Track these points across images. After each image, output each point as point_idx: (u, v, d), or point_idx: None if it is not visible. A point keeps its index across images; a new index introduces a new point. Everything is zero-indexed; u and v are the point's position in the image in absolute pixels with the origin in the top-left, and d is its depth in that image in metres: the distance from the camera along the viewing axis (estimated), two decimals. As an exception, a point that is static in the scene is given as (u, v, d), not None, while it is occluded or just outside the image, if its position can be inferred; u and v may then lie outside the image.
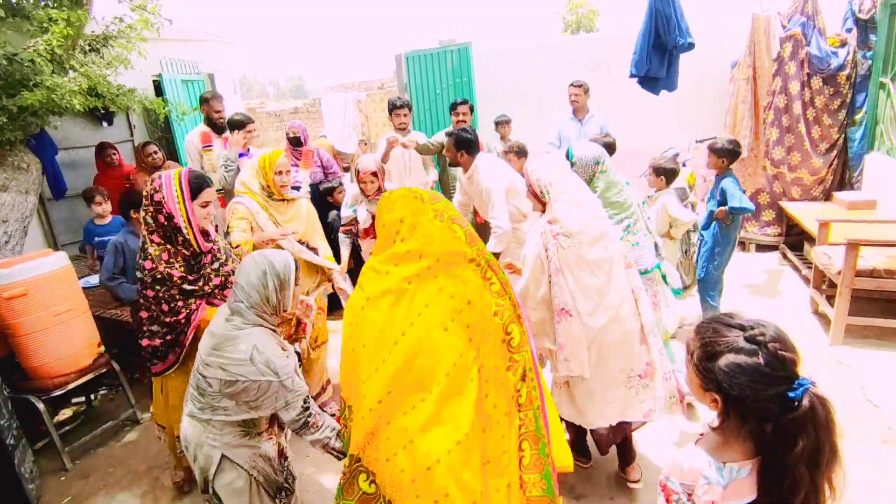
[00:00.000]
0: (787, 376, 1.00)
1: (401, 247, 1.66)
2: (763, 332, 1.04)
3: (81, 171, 5.10)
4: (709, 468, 1.07)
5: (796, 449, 0.97)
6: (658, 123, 5.89)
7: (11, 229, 3.35)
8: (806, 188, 5.04)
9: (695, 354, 1.12)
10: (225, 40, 8.72)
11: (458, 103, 4.53)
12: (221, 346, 1.71)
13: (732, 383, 1.03)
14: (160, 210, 2.10)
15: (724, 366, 1.04)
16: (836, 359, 3.27)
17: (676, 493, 1.10)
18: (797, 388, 0.98)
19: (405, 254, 1.64)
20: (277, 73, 56.94)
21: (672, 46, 4.38)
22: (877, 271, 3.31)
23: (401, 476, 1.45)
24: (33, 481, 2.72)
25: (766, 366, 1.00)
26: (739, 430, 1.07)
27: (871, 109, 4.67)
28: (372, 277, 1.71)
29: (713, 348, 1.07)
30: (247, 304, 1.74)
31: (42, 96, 2.96)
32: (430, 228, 1.65)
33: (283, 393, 1.71)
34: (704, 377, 1.09)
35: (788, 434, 0.98)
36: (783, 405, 0.99)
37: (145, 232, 2.16)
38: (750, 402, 1.02)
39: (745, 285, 4.44)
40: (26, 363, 2.89)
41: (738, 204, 3.30)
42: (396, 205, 1.71)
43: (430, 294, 1.59)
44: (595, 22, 17.82)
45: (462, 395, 1.50)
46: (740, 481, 1.04)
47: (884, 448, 2.50)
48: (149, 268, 2.14)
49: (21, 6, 3.32)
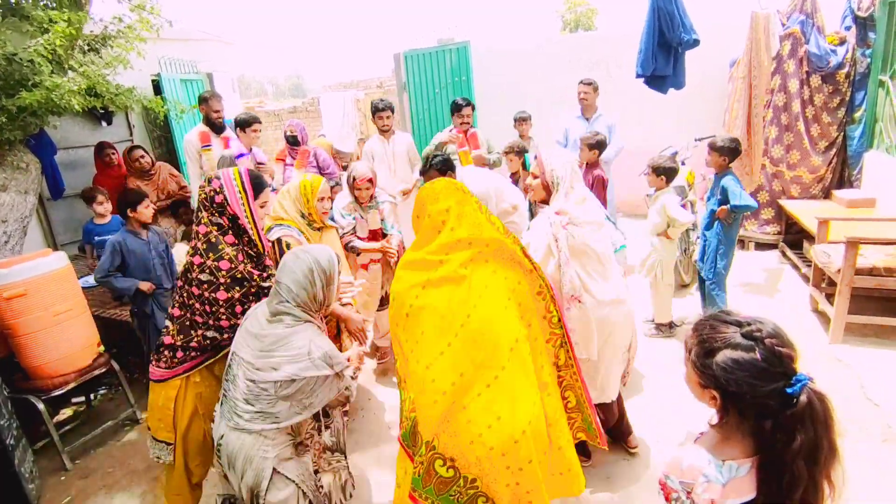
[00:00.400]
0: (784, 372, 1.00)
1: (451, 235, 1.73)
2: (760, 329, 1.04)
3: (81, 170, 5.10)
4: (708, 466, 1.07)
5: (794, 445, 0.97)
6: (657, 122, 5.89)
7: (11, 229, 3.34)
8: (805, 186, 5.04)
9: (692, 351, 1.12)
10: (224, 40, 8.71)
11: (462, 105, 4.45)
12: (274, 347, 1.68)
13: (730, 379, 1.03)
14: (223, 212, 2.00)
15: (722, 362, 1.04)
16: (836, 357, 3.27)
17: (676, 492, 1.10)
18: (795, 384, 0.98)
19: (456, 242, 1.72)
20: (276, 73, 56.84)
21: (677, 44, 4.37)
22: (876, 269, 3.31)
23: (490, 454, 1.52)
24: (33, 481, 2.72)
25: (763, 361, 1.00)
26: (739, 427, 1.07)
27: (870, 107, 4.67)
28: (424, 267, 1.74)
29: (710, 345, 1.07)
30: (294, 302, 1.72)
31: (41, 96, 2.96)
32: (477, 217, 1.76)
33: (336, 385, 1.73)
34: (702, 374, 1.09)
35: (786, 430, 0.98)
36: (781, 401, 0.99)
37: (216, 233, 1.99)
38: (748, 399, 1.02)
39: (745, 284, 4.44)
40: (26, 363, 2.89)
41: (741, 202, 3.28)
42: (441, 195, 1.78)
43: (487, 277, 1.69)
44: (593, 21, 17.80)
45: (526, 368, 1.63)
46: (740, 479, 1.04)
47: (884, 447, 2.51)
48: (226, 268, 1.97)
49: (20, 6, 3.31)
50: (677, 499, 1.09)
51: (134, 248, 3.23)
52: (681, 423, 2.77)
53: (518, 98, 6.34)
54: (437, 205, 1.77)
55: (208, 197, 2.00)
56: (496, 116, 6.30)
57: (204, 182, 2.04)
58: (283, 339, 1.68)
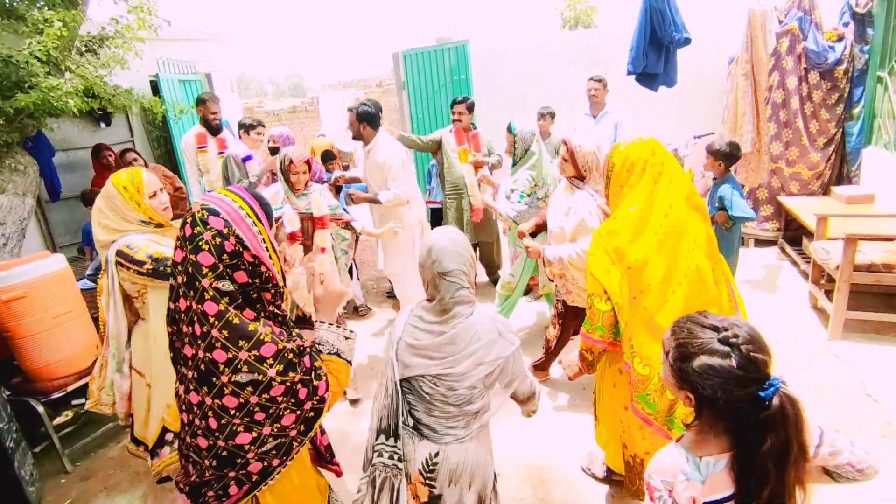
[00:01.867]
0: (758, 377, 1.03)
1: (670, 188, 1.89)
2: (736, 334, 1.06)
3: (80, 172, 5.10)
4: (686, 464, 1.10)
5: (764, 446, 1.00)
6: (655, 120, 5.88)
7: (9, 231, 3.35)
8: (804, 183, 5.04)
9: (670, 354, 1.15)
10: (222, 39, 8.70)
11: (456, 101, 4.44)
12: (470, 342, 1.52)
13: (705, 385, 1.05)
14: (238, 265, 1.22)
15: (698, 367, 1.07)
16: (835, 353, 3.27)
17: (658, 490, 1.12)
18: (768, 389, 1.01)
19: (675, 194, 1.88)
20: (276, 72, 56.77)
21: (668, 42, 4.38)
22: (875, 265, 3.31)
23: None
24: (33, 484, 2.72)
25: (738, 368, 1.03)
26: (713, 426, 1.10)
27: (868, 104, 4.66)
28: (655, 223, 1.87)
29: (687, 350, 1.10)
30: (467, 285, 1.56)
31: (37, 98, 2.96)
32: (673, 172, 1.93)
33: (520, 354, 1.63)
34: (678, 377, 1.12)
35: (758, 431, 1.01)
36: (754, 404, 1.02)
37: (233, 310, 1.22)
38: (722, 403, 1.04)
39: (744, 280, 4.44)
40: (25, 365, 2.89)
41: (740, 213, 3.27)
42: (657, 148, 1.97)
43: (696, 228, 1.87)
44: (593, 18, 17.79)
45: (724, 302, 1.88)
46: (717, 475, 1.07)
47: (883, 443, 2.51)
48: (272, 354, 1.23)
49: (15, 8, 3.31)
50: (660, 497, 1.12)
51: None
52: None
53: (517, 97, 6.34)
54: (655, 157, 1.92)
55: (213, 248, 1.19)
56: (495, 116, 6.29)
57: (188, 223, 1.23)
58: (468, 329, 1.52)
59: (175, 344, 1.30)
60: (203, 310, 1.19)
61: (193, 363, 1.22)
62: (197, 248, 1.19)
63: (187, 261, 1.19)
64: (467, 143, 4.35)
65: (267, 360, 1.22)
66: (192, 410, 1.27)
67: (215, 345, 1.19)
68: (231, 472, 1.28)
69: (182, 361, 1.27)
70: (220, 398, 1.21)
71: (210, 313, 1.19)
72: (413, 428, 1.63)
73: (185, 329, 1.22)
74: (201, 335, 1.20)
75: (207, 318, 1.19)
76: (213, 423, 1.23)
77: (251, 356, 1.21)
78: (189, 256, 1.19)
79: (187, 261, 1.19)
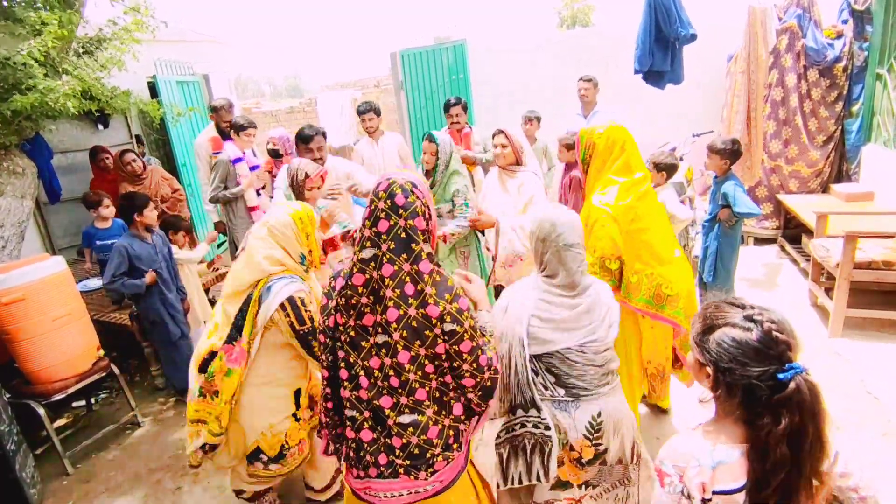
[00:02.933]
0: (777, 356, 1.03)
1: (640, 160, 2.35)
2: (762, 313, 1.08)
3: (79, 174, 5.08)
4: (700, 451, 1.10)
5: (779, 428, 0.99)
6: (654, 118, 5.88)
7: (8, 234, 3.34)
8: (803, 181, 5.04)
9: (695, 328, 1.17)
10: (220, 40, 8.70)
11: (451, 103, 4.46)
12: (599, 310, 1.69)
13: (722, 353, 1.07)
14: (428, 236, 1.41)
15: (718, 337, 1.09)
16: (836, 351, 3.27)
17: (669, 476, 1.13)
18: (787, 371, 1.01)
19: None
20: (273, 73, 56.59)
21: (674, 38, 4.37)
22: (875, 263, 3.31)
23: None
24: (35, 486, 2.72)
25: (757, 342, 1.04)
26: (730, 413, 1.10)
27: (867, 101, 4.66)
28: (640, 184, 2.29)
29: (711, 322, 1.12)
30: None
31: (35, 100, 2.95)
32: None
33: None
34: (700, 349, 1.13)
35: (773, 413, 1.01)
36: (772, 386, 1.01)
37: (441, 272, 1.41)
38: (737, 375, 1.04)
39: (744, 279, 4.44)
40: (26, 368, 2.89)
41: (745, 210, 3.27)
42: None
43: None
44: (590, 17, 17.78)
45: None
46: (729, 465, 1.06)
47: (884, 441, 2.51)
48: (466, 307, 1.40)
49: (12, 9, 3.30)
50: (671, 482, 1.12)
51: (140, 252, 3.24)
52: (680, 419, 2.78)
53: (515, 96, 6.33)
54: (629, 136, 2.32)
55: (423, 214, 1.38)
56: (494, 115, 6.29)
57: (398, 193, 1.35)
58: (598, 296, 1.71)
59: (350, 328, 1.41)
60: (419, 269, 1.35)
61: (402, 323, 1.34)
62: (413, 214, 1.36)
63: (398, 227, 1.34)
64: (461, 144, 4.36)
65: (464, 312, 1.38)
66: (402, 370, 1.38)
67: (428, 301, 1.34)
68: (446, 419, 1.44)
69: (372, 332, 1.39)
70: (434, 348, 1.37)
71: (424, 272, 1.35)
72: (568, 395, 1.69)
73: (389, 293, 1.34)
74: (414, 293, 1.34)
75: (422, 276, 1.35)
76: (429, 368, 1.39)
77: (453, 308, 1.36)
78: (407, 222, 1.34)
79: (398, 227, 1.34)
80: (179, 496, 2.73)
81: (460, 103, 4.46)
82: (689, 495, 1.09)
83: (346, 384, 1.45)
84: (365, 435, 1.43)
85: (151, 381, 3.86)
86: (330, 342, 1.47)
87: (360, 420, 1.44)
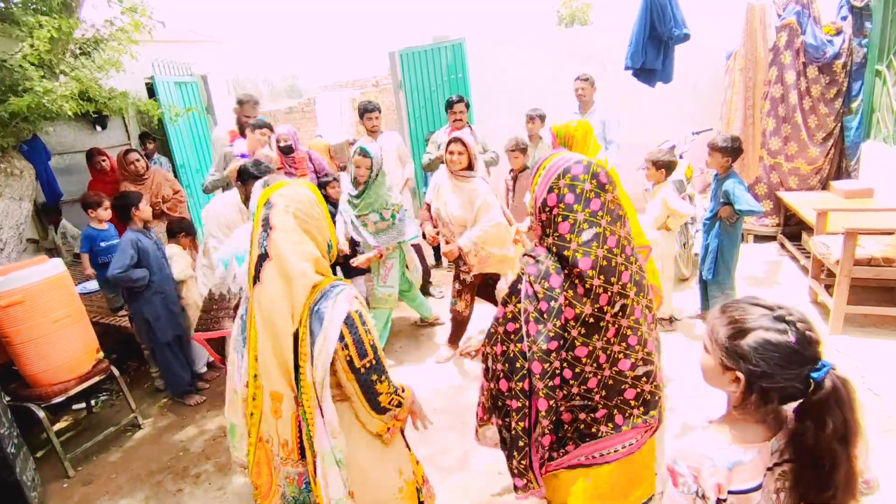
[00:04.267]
0: (813, 357, 1.01)
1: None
2: (790, 313, 1.05)
3: (77, 176, 5.08)
4: (715, 451, 1.08)
5: (828, 429, 0.98)
6: (653, 116, 5.88)
7: (6, 236, 3.33)
8: (803, 178, 5.04)
9: (721, 332, 1.10)
10: (218, 41, 8.68)
11: (453, 101, 4.45)
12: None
13: (760, 360, 1.03)
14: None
15: (754, 342, 1.04)
16: (836, 348, 3.27)
17: (683, 476, 1.11)
18: (820, 369, 1.00)
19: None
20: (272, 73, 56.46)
21: (667, 38, 4.36)
22: (875, 260, 3.31)
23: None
24: (35, 489, 2.72)
25: (796, 344, 1.01)
26: (753, 413, 1.08)
27: (867, 97, 4.66)
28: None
29: (742, 325, 1.07)
30: None
31: (31, 101, 2.94)
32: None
33: None
34: (730, 354, 1.08)
35: (816, 416, 1.00)
36: (805, 386, 1.01)
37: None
38: (776, 380, 1.02)
39: (744, 276, 4.43)
40: (25, 371, 2.88)
41: (747, 207, 3.26)
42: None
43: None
44: (589, 15, 17.75)
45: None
46: (745, 465, 1.05)
47: (885, 437, 2.51)
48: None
49: (10, 11, 3.29)
50: (685, 483, 1.10)
51: (147, 246, 3.24)
52: (681, 415, 2.77)
53: (515, 95, 6.32)
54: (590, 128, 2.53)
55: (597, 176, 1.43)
56: (493, 114, 6.29)
57: (599, 173, 1.43)
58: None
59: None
60: (628, 231, 1.48)
61: (632, 281, 1.44)
62: (612, 185, 1.46)
63: (608, 201, 1.43)
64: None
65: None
66: (638, 325, 1.46)
67: (638, 256, 1.51)
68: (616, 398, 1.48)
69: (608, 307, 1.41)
70: (648, 295, 1.51)
71: (629, 231, 1.49)
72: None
73: (619, 260, 1.41)
74: (631, 252, 1.46)
75: (630, 236, 1.48)
76: (650, 317, 1.51)
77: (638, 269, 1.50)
78: (613, 195, 1.45)
79: (608, 201, 1.43)
80: (181, 498, 2.72)
81: (463, 101, 4.44)
82: (703, 495, 1.07)
83: (574, 383, 1.45)
84: (599, 413, 1.49)
85: (151, 383, 3.85)
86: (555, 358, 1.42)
87: (593, 403, 1.47)
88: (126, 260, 3.11)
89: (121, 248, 3.17)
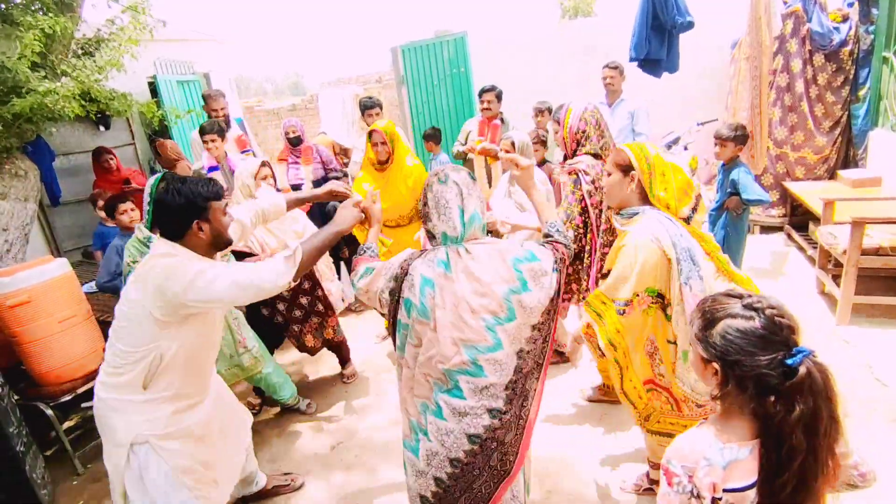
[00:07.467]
0: (784, 341, 1.01)
1: None
2: (759, 300, 1.06)
3: (81, 176, 5.11)
4: (710, 449, 1.08)
5: (793, 415, 0.97)
6: (658, 107, 5.80)
7: (12, 237, 3.35)
8: (810, 167, 4.98)
9: (695, 325, 1.15)
10: (220, 39, 8.68)
11: (484, 90, 4.35)
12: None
13: (728, 347, 1.05)
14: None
15: (721, 330, 1.07)
16: (843, 338, 3.24)
17: (678, 476, 1.10)
18: (795, 355, 0.99)
19: None
20: (274, 71, 56.59)
21: (671, 26, 4.30)
22: (883, 249, 3.27)
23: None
24: (45, 486, 2.75)
25: (762, 329, 1.02)
26: (740, 409, 1.08)
27: (874, 85, 4.59)
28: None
29: (712, 315, 1.10)
30: None
31: (33, 102, 2.95)
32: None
33: None
34: (704, 345, 1.11)
35: (786, 401, 0.99)
36: (781, 373, 1.00)
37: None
38: (747, 367, 1.02)
39: (751, 268, 4.40)
40: (33, 370, 2.91)
41: (755, 196, 3.22)
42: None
43: None
44: (592, 7, 17.60)
45: None
46: (741, 462, 1.05)
47: (892, 427, 2.49)
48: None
49: (10, 12, 3.30)
50: (679, 482, 1.10)
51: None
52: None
53: (519, 88, 6.27)
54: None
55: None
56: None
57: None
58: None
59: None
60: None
61: None
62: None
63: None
64: (487, 135, 4.26)
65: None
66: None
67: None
68: None
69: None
70: None
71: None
72: None
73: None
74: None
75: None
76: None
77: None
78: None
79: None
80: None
81: (494, 90, 4.31)
82: (698, 495, 1.07)
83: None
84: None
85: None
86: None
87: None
88: (111, 267, 3.06)
89: (105, 257, 3.11)
